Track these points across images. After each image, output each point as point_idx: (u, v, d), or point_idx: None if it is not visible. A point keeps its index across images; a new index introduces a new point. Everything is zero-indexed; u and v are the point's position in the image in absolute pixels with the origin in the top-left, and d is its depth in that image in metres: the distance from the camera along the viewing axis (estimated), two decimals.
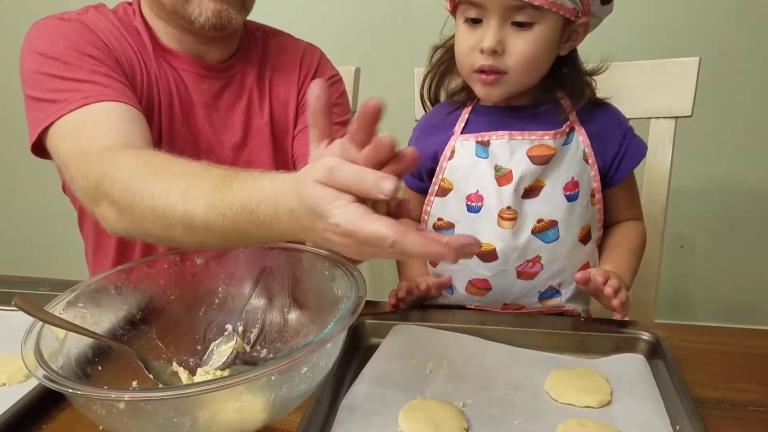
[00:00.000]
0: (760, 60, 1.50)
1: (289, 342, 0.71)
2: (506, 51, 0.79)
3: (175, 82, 0.96)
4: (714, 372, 0.67)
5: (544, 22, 0.78)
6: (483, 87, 0.83)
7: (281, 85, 1.05)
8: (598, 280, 0.76)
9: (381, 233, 0.49)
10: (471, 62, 0.82)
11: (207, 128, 0.99)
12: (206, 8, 0.90)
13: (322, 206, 0.51)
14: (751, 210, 1.62)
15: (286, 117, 1.05)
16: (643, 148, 0.90)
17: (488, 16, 0.78)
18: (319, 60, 1.10)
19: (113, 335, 0.66)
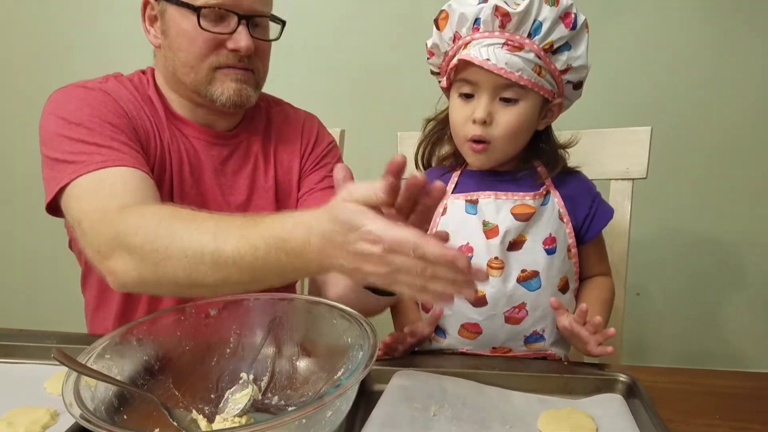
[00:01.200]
0: (707, 126, 1.66)
1: (299, 389, 0.76)
2: (494, 122, 0.91)
3: (186, 148, 1.02)
4: (682, 409, 0.75)
5: (527, 100, 0.90)
6: (474, 155, 0.94)
7: (285, 152, 1.12)
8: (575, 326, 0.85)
9: (405, 237, 0.58)
10: (465, 132, 0.93)
11: (215, 191, 1.04)
12: (228, 88, 0.98)
13: (355, 218, 0.60)
14: (699, 260, 1.75)
15: (289, 181, 1.12)
16: (609, 211, 1.01)
17: (480, 92, 0.90)
18: (318, 129, 1.18)
19: (134, 385, 0.70)
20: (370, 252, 0.60)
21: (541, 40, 0.87)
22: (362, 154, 1.57)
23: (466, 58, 0.87)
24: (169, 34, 0.98)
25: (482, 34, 0.88)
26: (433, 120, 1.03)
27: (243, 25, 0.96)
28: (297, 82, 1.72)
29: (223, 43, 0.96)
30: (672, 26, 1.62)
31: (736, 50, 1.61)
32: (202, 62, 0.97)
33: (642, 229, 1.43)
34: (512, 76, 0.86)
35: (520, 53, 0.86)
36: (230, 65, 0.98)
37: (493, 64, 0.86)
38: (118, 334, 0.71)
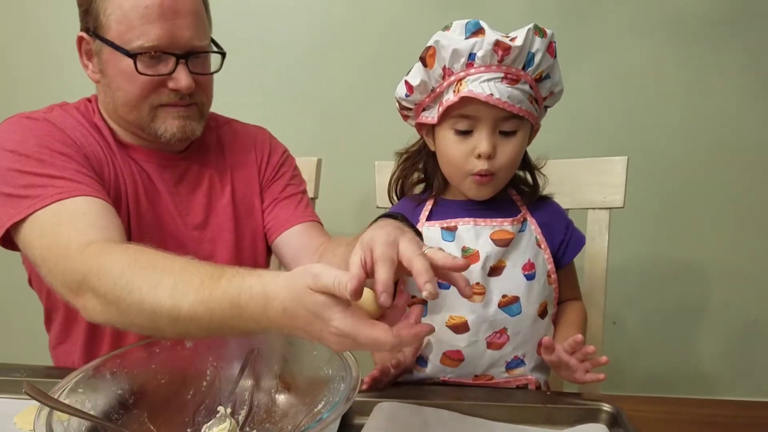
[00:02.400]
0: (682, 156, 1.69)
1: (278, 423, 0.74)
2: (497, 154, 0.91)
3: (138, 172, 1.02)
4: None
5: (523, 130, 0.92)
6: (478, 187, 0.94)
7: (240, 167, 1.13)
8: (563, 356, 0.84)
9: (381, 338, 0.58)
10: (468, 168, 0.92)
11: (172, 212, 1.04)
12: (171, 125, 0.98)
13: (323, 312, 0.59)
14: (676, 289, 1.78)
15: (250, 194, 1.13)
16: (582, 238, 1.03)
17: (480, 127, 0.90)
18: (270, 140, 1.19)
19: (108, 419, 0.67)
20: (336, 341, 0.60)
21: (534, 71, 0.88)
22: (339, 183, 1.57)
23: (469, 95, 0.86)
24: (107, 73, 0.96)
25: (478, 69, 0.87)
26: (405, 153, 1.04)
27: (182, 64, 0.95)
28: (271, 111, 1.73)
29: (163, 83, 0.96)
30: (645, 57, 1.66)
31: (708, 79, 1.66)
32: (143, 102, 0.96)
33: (619, 258, 1.44)
34: (514, 109, 0.87)
35: (517, 86, 0.87)
36: (172, 104, 0.98)
37: (497, 98, 0.85)
38: (91, 368, 0.68)
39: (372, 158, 1.31)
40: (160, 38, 0.92)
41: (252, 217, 1.13)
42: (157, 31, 0.92)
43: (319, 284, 0.59)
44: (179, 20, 0.93)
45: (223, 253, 1.08)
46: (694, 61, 1.66)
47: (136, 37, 0.92)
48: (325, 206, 1.41)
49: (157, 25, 0.92)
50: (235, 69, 1.70)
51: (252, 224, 1.13)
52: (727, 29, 1.63)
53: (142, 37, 0.92)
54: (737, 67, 1.64)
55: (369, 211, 1.33)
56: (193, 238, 1.06)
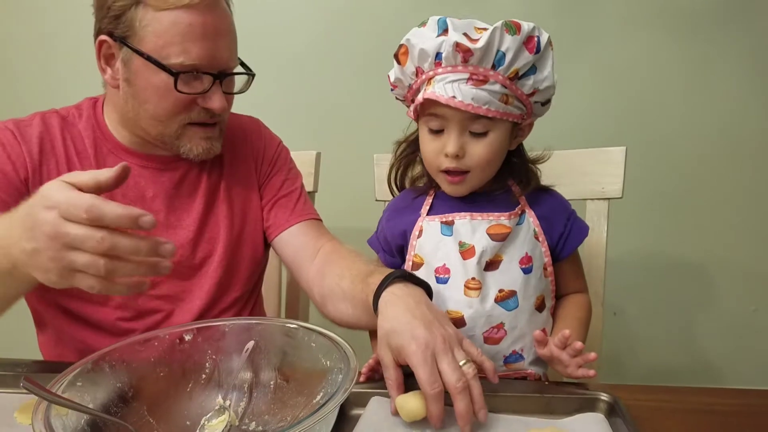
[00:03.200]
0: (682, 146, 1.69)
1: (277, 414, 0.74)
2: (467, 154, 0.90)
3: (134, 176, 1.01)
4: (664, 427, 0.74)
5: (496, 129, 0.90)
6: (449, 185, 0.94)
7: (235, 160, 1.13)
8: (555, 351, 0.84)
9: (79, 197, 0.60)
10: (437, 164, 0.93)
11: (160, 221, 1.03)
12: (197, 146, 0.99)
13: (47, 190, 0.61)
14: (676, 280, 1.78)
15: (246, 189, 1.12)
16: (585, 229, 1.01)
17: (449, 127, 0.89)
18: (263, 132, 1.19)
19: (108, 412, 0.68)
20: (45, 221, 0.59)
21: (506, 70, 0.85)
22: (338, 176, 1.57)
23: (432, 97, 0.86)
24: (136, 84, 0.95)
25: (445, 69, 0.86)
26: (404, 142, 1.03)
27: (217, 84, 0.95)
28: (270, 105, 1.72)
29: (194, 101, 0.95)
30: (643, 49, 1.66)
31: (707, 71, 1.66)
32: (173, 118, 0.96)
33: (619, 249, 1.44)
34: (479, 111, 0.85)
35: (485, 86, 0.85)
36: (201, 122, 0.98)
37: (459, 101, 0.84)
38: (90, 361, 0.69)
39: (371, 151, 1.31)
40: (201, 57, 0.92)
41: (250, 212, 1.13)
42: (199, 51, 0.91)
43: (68, 178, 0.64)
44: (220, 40, 0.93)
45: (221, 252, 1.07)
46: (692, 53, 1.65)
47: (176, 54, 0.91)
48: (324, 200, 1.41)
49: (198, 44, 0.91)
50: None
51: (250, 218, 1.13)
52: (725, 21, 1.63)
53: (183, 55, 0.91)
54: (736, 58, 1.64)
55: (368, 205, 1.33)
56: (190, 241, 1.05)
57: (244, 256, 1.11)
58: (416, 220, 0.99)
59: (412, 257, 0.98)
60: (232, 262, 1.09)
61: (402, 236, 1.00)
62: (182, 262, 1.04)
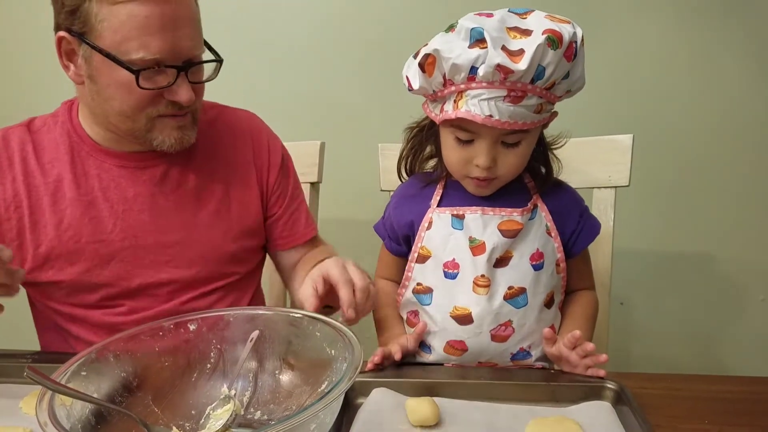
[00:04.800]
0: (689, 135, 1.67)
1: (282, 403, 0.74)
2: (498, 164, 0.88)
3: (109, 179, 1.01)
4: (671, 415, 0.74)
5: (529, 137, 0.88)
6: (476, 188, 0.92)
7: (234, 159, 1.10)
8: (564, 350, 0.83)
9: None
10: (465, 172, 0.90)
11: (144, 219, 1.02)
12: (169, 136, 0.96)
13: None
14: (682, 269, 1.77)
15: (243, 188, 1.09)
16: (597, 226, 0.99)
17: (480, 140, 0.86)
18: (266, 133, 1.16)
19: (112, 402, 0.68)
20: None
21: (544, 83, 0.81)
22: (342, 166, 1.57)
23: (467, 116, 0.81)
24: (98, 81, 0.92)
25: (479, 84, 0.81)
26: (416, 128, 1.00)
27: (182, 76, 0.92)
28: (275, 96, 1.72)
29: (161, 94, 0.93)
30: (652, 36, 1.64)
31: (715, 58, 1.63)
32: (140, 113, 0.94)
33: (626, 238, 1.43)
34: (516, 126, 0.82)
35: (522, 102, 0.81)
36: (169, 114, 0.95)
37: (496, 120, 0.80)
38: (94, 351, 0.68)
39: (376, 141, 1.30)
40: (162, 51, 0.88)
41: (243, 205, 1.09)
42: (159, 44, 0.88)
43: None
44: (180, 30, 0.90)
45: (210, 246, 1.06)
46: (700, 41, 1.63)
47: (135, 49, 0.87)
48: (328, 190, 1.41)
49: (158, 37, 0.88)
50: (239, 53, 1.70)
51: (243, 211, 1.10)
52: (734, 10, 1.60)
53: (143, 50, 0.87)
54: (743, 47, 1.62)
55: (373, 195, 1.32)
56: (177, 239, 1.04)
57: (237, 248, 1.09)
58: (425, 211, 0.97)
59: (418, 249, 0.97)
60: (223, 254, 1.07)
61: (409, 226, 0.98)
62: (173, 259, 1.03)
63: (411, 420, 0.73)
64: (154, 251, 1.02)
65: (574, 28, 0.82)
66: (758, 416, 0.74)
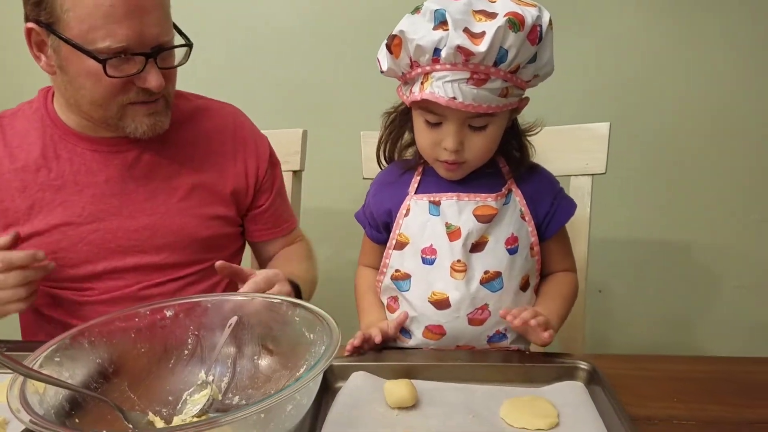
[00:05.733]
0: (666, 123, 1.69)
1: (261, 388, 0.74)
2: (466, 148, 0.88)
3: (82, 162, 1.01)
4: (642, 394, 0.76)
5: (497, 120, 0.88)
6: (447, 172, 0.93)
7: (212, 151, 1.10)
8: (525, 316, 0.84)
9: None
10: (434, 155, 0.91)
11: (113, 203, 1.02)
12: (142, 123, 0.97)
13: None
14: (660, 257, 1.79)
15: (217, 180, 1.09)
16: (571, 207, 0.99)
17: (447, 122, 0.87)
18: (250, 127, 1.16)
19: (87, 388, 0.67)
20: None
21: (508, 66, 0.82)
22: (325, 154, 1.57)
23: (430, 98, 0.82)
24: (68, 71, 0.92)
25: (444, 66, 0.81)
26: (394, 113, 1.00)
27: (151, 62, 0.92)
28: (256, 84, 1.71)
29: (131, 81, 0.92)
30: (632, 25, 1.65)
31: (695, 48, 1.65)
32: (111, 102, 0.94)
33: (603, 226, 1.45)
34: (480, 109, 0.83)
35: (486, 85, 0.82)
36: (141, 101, 0.95)
37: (460, 102, 0.81)
38: (68, 336, 0.68)
39: (358, 128, 1.30)
40: (128, 38, 0.88)
41: (218, 201, 1.09)
42: (125, 31, 0.87)
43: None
44: (146, 17, 0.89)
45: (178, 237, 1.06)
46: (680, 31, 1.65)
47: (102, 38, 0.87)
48: (311, 178, 1.41)
49: (124, 25, 0.87)
50: (221, 41, 1.69)
51: (216, 206, 1.09)
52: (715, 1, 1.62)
53: (109, 39, 0.87)
54: (725, 38, 1.64)
55: (356, 183, 1.33)
56: (148, 223, 1.04)
57: (209, 235, 1.09)
58: (403, 198, 0.98)
59: (396, 236, 0.97)
60: (193, 241, 1.07)
61: (387, 214, 0.99)
62: (139, 244, 1.04)
63: (389, 402, 0.74)
64: (120, 236, 1.02)
65: (540, 12, 0.82)
66: (725, 394, 0.76)
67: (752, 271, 1.78)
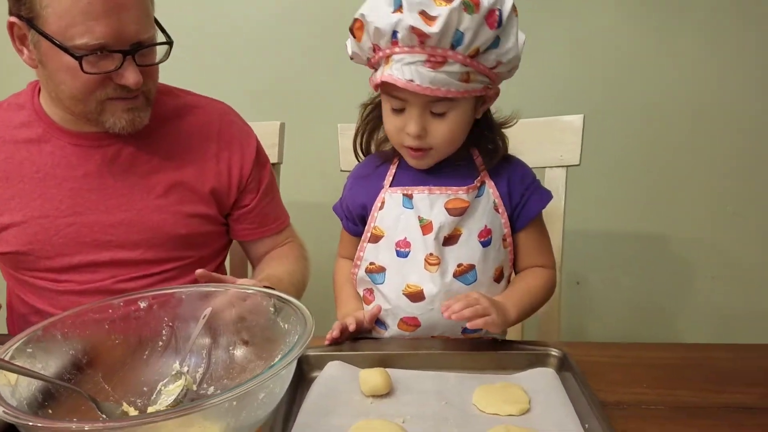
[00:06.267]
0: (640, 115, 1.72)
1: (236, 378, 0.75)
2: (429, 134, 0.89)
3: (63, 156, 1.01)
4: (612, 380, 0.77)
5: (458, 107, 0.87)
6: (413, 159, 0.93)
7: (194, 148, 1.09)
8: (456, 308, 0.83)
9: None
10: (399, 140, 0.91)
11: (92, 197, 1.02)
12: (120, 119, 0.96)
13: None
14: (634, 249, 1.82)
15: (198, 178, 1.08)
16: (546, 197, 0.99)
17: (410, 107, 0.87)
18: (238, 125, 1.16)
19: (61, 379, 0.67)
20: None
21: (465, 49, 0.81)
22: (302, 147, 1.57)
23: (389, 80, 0.83)
24: (48, 66, 0.93)
25: (402, 49, 0.82)
26: (370, 104, 1.00)
27: (129, 59, 0.91)
28: (232, 77, 1.71)
29: (109, 77, 0.92)
30: (608, 16, 1.67)
31: (671, 41, 1.67)
32: (89, 97, 0.94)
33: (578, 218, 1.46)
34: (439, 93, 0.82)
35: (443, 68, 0.81)
36: (120, 97, 0.95)
37: (417, 84, 0.81)
38: (40, 328, 0.68)
39: (335, 121, 1.30)
40: (105, 36, 0.88)
41: (198, 199, 1.09)
42: (103, 28, 0.87)
43: None
44: (124, 14, 0.89)
45: (155, 233, 1.06)
46: (655, 24, 1.67)
47: (80, 35, 0.87)
48: (289, 171, 1.41)
49: (102, 22, 0.87)
50: (198, 34, 1.68)
51: (196, 203, 1.09)
52: None
53: (87, 35, 0.87)
54: (698, 30, 1.66)
55: (334, 175, 1.33)
56: (124, 219, 1.04)
57: (188, 232, 1.08)
58: (378, 191, 0.98)
59: (371, 229, 0.98)
60: (171, 238, 1.07)
61: (362, 207, 0.99)
62: (116, 239, 1.03)
63: (364, 390, 0.74)
64: (96, 230, 1.02)
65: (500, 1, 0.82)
66: (691, 379, 0.78)
67: (726, 262, 1.81)
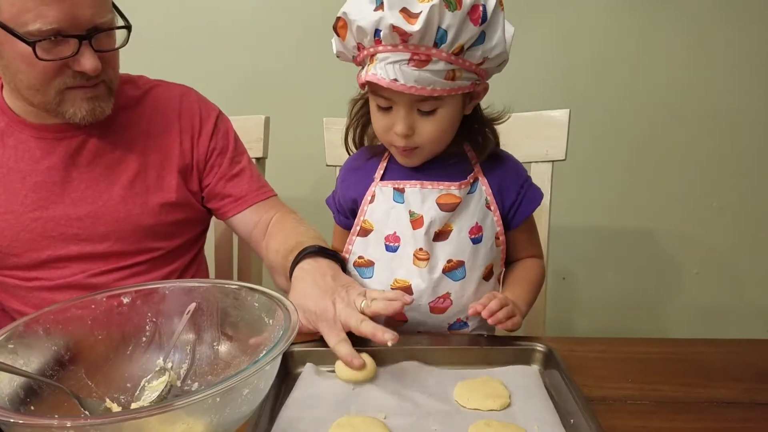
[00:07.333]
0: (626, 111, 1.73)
1: (220, 374, 0.74)
2: (416, 132, 0.87)
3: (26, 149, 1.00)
4: (597, 375, 0.78)
5: (446, 105, 0.86)
6: (402, 157, 0.93)
7: (158, 134, 1.08)
8: (493, 307, 0.83)
9: None
10: (388, 139, 0.91)
11: (55, 190, 1.01)
12: (81, 108, 0.95)
13: None
14: (620, 244, 1.83)
15: (163, 164, 1.07)
16: (538, 195, 0.99)
17: (396, 106, 0.86)
18: (198, 105, 1.14)
19: (43, 375, 0.66)
20: None
21: (449, 47, 0.79)
22: (287, 141, 1.56)
23: (372, 80, 0.82)
24: (4, 55, 0.90)
25: (385, 47, 0.80)
26: (360, 100, 0.99)
27: (85, 44, 0.89)
28: (216, 71, 1.69)
29: (66, 64, 0.90)
30: (595, 12, 1.67)
31: (657, 36, 1.68)
32: (48, 86, 0.92)
33: (564, 213, 1.47)
34: (424, 92, 0.81)
35: (428, 67, 0.80)
36: (79, 86, 0.93)
37: (401, 84, 0.80)
38: (21, 323, 0.67)
39: (320, 115, 1.30)
40: (59, 20, 0.86)
41: (166, 187, 1.08)
42: (55, 13, 0.85)
43: None
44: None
45: (123, 225, 1.05)
46: (642, 20, 1.67)
47: (32, 20, 0.85)
48: (274, 165, 1.40)
49: (55, 6, 0.85)
50: (182, 28, 1.66)
51: (164, 191, 1.08)
52: None
53: (39, 20, 0.85)
54: (684, 26, 1.67)
55: (319, 169, 1.33)
56: (91, 212, 1.03)
57: (157, 223, 1.07)
58: (368, 184, 0.97)
59: (361, 222, 0.97)
60: (139, 229, 1.06)
61: (353, 201, 0.99)
62: (82, 232, 1.02)
63: (344, 376, 0.75)
64: (63, 224, 1.01)
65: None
66: (675, 374, 0.79)
67: (711, 256, 1.83)
